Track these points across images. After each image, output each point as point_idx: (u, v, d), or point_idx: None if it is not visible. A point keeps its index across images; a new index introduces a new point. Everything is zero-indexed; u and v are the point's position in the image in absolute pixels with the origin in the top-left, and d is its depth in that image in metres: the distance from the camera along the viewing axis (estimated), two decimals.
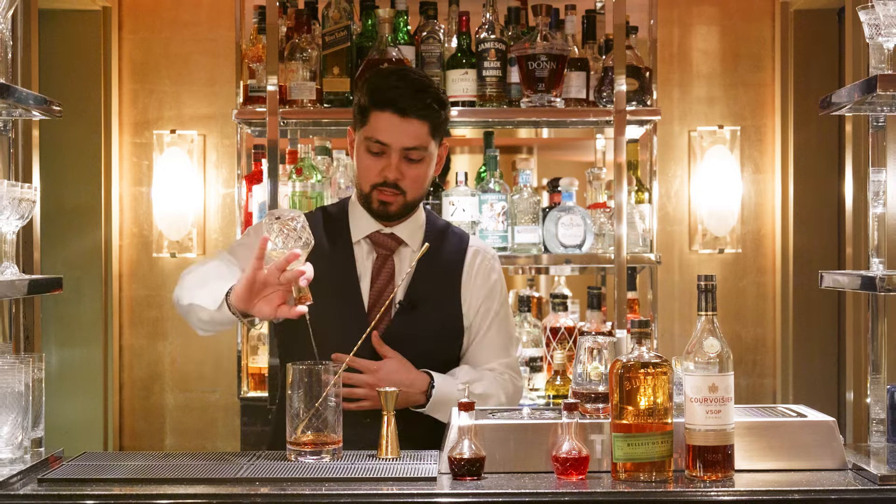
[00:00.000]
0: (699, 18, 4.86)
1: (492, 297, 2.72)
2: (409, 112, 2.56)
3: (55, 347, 4.71)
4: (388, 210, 2.62)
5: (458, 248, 2.73)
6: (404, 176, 2.59)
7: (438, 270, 2.65)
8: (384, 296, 2.61)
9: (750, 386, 4.81)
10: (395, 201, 2.61)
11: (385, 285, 2.63)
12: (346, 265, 2.64)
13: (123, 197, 4.83)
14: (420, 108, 2.56)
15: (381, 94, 2.57)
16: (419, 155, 2.59)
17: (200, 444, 4.80)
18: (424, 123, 2.58)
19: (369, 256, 2.66)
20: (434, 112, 2.59)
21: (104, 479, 2.19)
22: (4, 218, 2.42)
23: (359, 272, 2.64)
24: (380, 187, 2.59)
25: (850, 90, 2.51)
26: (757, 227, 4.85)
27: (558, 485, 2.14)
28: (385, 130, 2.56)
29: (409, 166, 2.59)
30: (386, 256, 2.65)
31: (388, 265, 2.65)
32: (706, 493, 2.11)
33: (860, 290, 2.49)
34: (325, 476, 2.18)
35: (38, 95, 2.57)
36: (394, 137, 2.56)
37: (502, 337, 2.74)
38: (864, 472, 2.21)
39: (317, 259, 2.37)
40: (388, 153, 2.58)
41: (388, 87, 2.58)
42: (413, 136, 2.57)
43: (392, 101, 2.56)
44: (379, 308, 2.59)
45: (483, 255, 2.75)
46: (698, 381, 2.16)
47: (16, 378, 2.26)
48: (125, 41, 4.83)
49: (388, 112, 2.56)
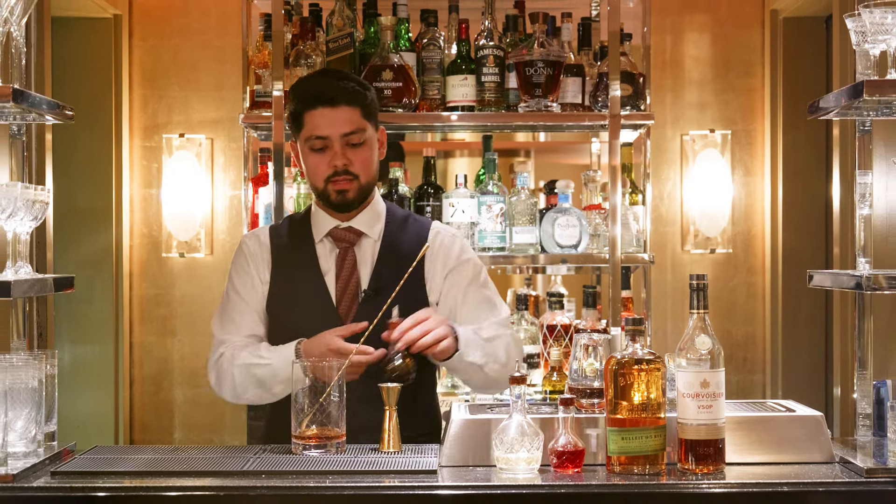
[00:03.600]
0: (691, 26, 4.86)
1: (459, 269, 2.70)
2: (337, 100, 2.61)
3: (68, 344, 4.71)
4: (347, 197, 2.64)
5: (419, 232, 2.73)
6: (352, 161, 2.63)
7: (401, 256, 2.65)
8: (350, 286, 2.64)
9: (740, 382, 4.81)
10: (351, 187, 2.64)
11: (349, 277, 2.65)
12: (311, 263, 2.67)
13: (134, 199, 4.83)
14: (347, 94, 2.62)
15: (309, 94, 2.64)
16: (359, 138, 2.63)
17: (208, 438, 4.80)
18: (355, 108, 2.62)
19: (332, 252, 2.68)
20: (360, 95, 2.64)
21: (115, 471, 2.19)
22: (18, 219, 2.41)
23: (323, 268, 2.67)
24: (333, 178, 2.63)
25: (837, 95, 2.51)
26: (747, 227, 4.85)
27: (555, 477, 2.15)
28: (321, 124, 2.61)
29: (353, 151, 2.63)
30: (346, 249, 2.68)
31: (349, 257, 2.67)
32: (698, 486, 2.11)
33: (847, 289, 2.49)
34: (329, 469, 2.18)
35: (50, 100, 2.57)
36: (331, 128, 2.61)
37: (483, 302, 2.70)
38: (851, 465, 2.21)
39: (284, 262, 2.53)
40: (330, 145, 2.62)
41: (312, 86, 2.66)
42: (348, 122, 2.61)
43: (319, 96, 2.62)
44: (347, 299, 2.62)
45: (444, 234, 2.75)
46: (690, 377, 2.16)
47: (29, 374, 2.26)
48: (136, 48, 4.82)
49: (319, 107, 2.61)
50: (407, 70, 3.62)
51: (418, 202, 3.73)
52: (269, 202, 3.75)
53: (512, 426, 2.16)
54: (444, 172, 5.14)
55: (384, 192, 3.68)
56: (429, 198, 3.70)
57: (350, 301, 2.62)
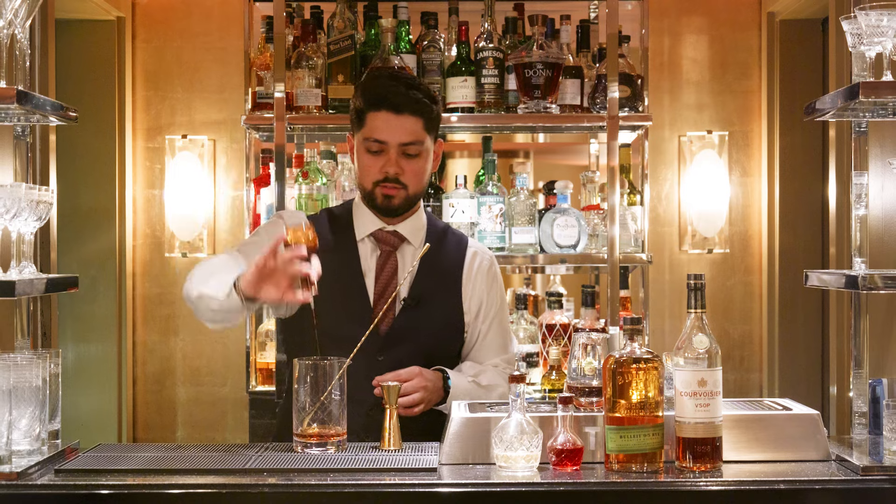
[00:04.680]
0: (688, 28, 4.86)
1: (491, 298, 2.73)
2: (402, 109, 2.57)
3: (71, 343, 4.71)
4: (392, 203, 2.62)
5: (457, 248, 2.73)
6: (404, 171, 2.60)
7: (440, 269, 2.65)
8: (388, 291, 2.61)
9: (737, 380, 4.81)
10: (398, 195, 2.61)
11: (389, 281, 2.63)
12: (352, 262, 2.64)
13: (137, 199, 4.82)
14: (413, 104, 2.58)
15: (376, 95, 2.59)
16: (416, 150, 2.60)
17: (210, 437, 4.80)
18: (418, 119, 2.59)
19: (373, 254, 2.66)
20: (426, 107, 2.60)
21: (118, 469, 2.19)
22: (22, 219, 2.41)
23: (363, 269, 2.64)
24: (382, 183, 2.60)
25: (833, 97, 2.51)
26: (744, 228, 4.85)
27: (554, 475, 2.14)
28: (382, 129, 2.58)
29: (407, 161, 2.60)
30: (389, 253, 2.65)
31: (391, 262, 2.64)
32: (695, 483, 2.11)
33: (843, 289, 2.49)
34: (331, 467, 2.18)
35: (54, 102, 2.57)
36: (390, 134, 2.57)
37: (501, 337, 2.76)
38: (847, 463, 2.21)
39: (323, 257, 2.36)
40: (386, 150, 2.58)
41: (381, 88, 2.60)
42: (408, 132, 2.58)
43: (386, 100, 2.57)
44: (383, 303, 2.59)
45: (482, 257, 2.76)
46: (688, 375, 2.16)
47: (33, 373, 2.26)
48: (139, 50, 4.82)
49: (383, 111, 2.58)
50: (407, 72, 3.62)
51: None
52: (270, 202, 3.75)
53: (511, 424, 2.16)
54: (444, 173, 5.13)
55: None
56: (429, 198, 3.69)
57: (385, 306, 2.58)
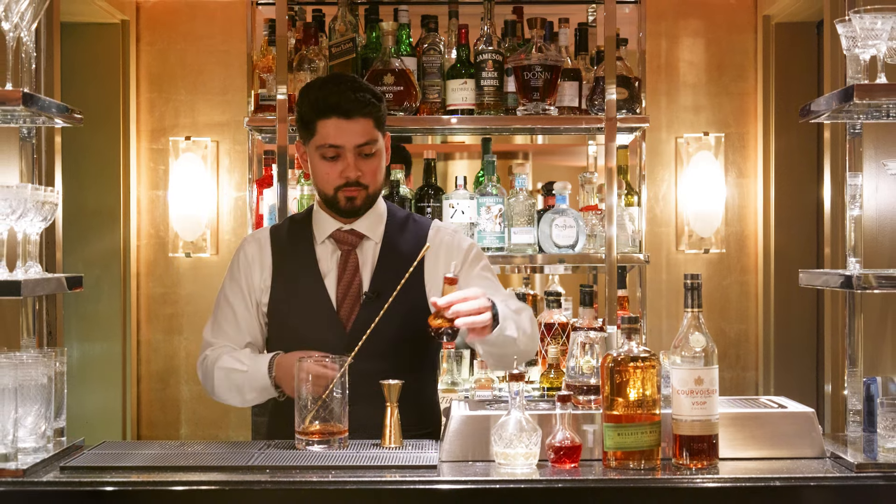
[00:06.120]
0: (685, 31, 4.86)
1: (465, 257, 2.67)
2: (353, 113, 2.57)
3: (76, 342, 4.71)
4: (356, 205, 2.62)
5: (419, 233, 2.71)
6: (363, 172, 2.60)
7: (401, 258, 2.62)
8: (351, 289, 2.62)
9: (733, 379, 4.81)
10: (360, 195, 2.61)
11: (351, 279, 2.63)
12: (310, 265, 2.65)
13: (141, 200, 4.83)
14: (362, 107, 2.57)
15: (324, 103, 2.58)
16: (371, 149, 2.60)
17: (214, 434, 4.80)
18: (369, 119, 2.59)
19: (333, 255, 2.66)
20: (375, 107, 2.60)
21: (123, 466, 2.19)
22: (28, 220, 2.41)
23: (323, 270, 2.64)
24: (343, 188, 2.60)
25: (828, 99, 2.51)
26: (740, 228, 4.85)
27: (553, 472, 2.15)
28: (335, 135, 2.57)
29: (364, 162, 2.60)
30: (348, 252, 2.65)
31: (351, 260, 2.65)
32: (692, 480, 2.11)
33: (838, 288, 2.49)
34: (332, 464, 2.18)
35: (60, 104, 2.57)
36: (345, 139, 2.57)
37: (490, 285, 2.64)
38: (842, 460, 2.21)
39: (285, 264, 2.46)
40: (343, 154, 2.58)
41: (328, 95, 2.58)
42: (362, 133, 2.58)
43: (337, 107, 2.56)
44: (349, 301, 2.60)
45: (443, 231, 2.72)
46: (685, 374, 2.16)
47: (39, 371, 2.26)
48: (143, 52, 4.82)
49: (333, 118, 2.57)
50: (408, 74, 3.62)
51: (419, 203, 3.73)
52: (273, 203, 3.75)
53: (510, 422, 2.16)
54: (444, 174, 5.13)
55: (386, 194, 3.68)
56: (429, 199, 3.70)
57: (351, 304, 2.59)
